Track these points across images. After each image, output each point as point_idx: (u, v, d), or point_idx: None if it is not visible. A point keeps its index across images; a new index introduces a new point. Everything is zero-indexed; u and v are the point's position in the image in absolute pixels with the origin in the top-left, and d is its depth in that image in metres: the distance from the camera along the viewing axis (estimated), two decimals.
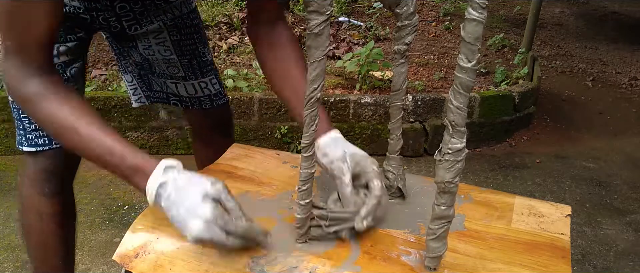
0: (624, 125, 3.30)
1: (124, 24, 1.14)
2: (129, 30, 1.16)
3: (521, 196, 1.01)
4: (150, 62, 1.26)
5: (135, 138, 2.67)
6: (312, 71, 0.70)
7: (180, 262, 0.80)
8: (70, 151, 0.87)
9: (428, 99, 2.72)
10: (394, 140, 0.93)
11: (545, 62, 4.14)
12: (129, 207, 2.20)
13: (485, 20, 0.61)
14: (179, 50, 1.24)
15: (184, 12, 1.22)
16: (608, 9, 5.86)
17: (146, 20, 1.16)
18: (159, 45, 1.22)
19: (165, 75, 1.27)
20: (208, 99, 1.32)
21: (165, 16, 1.18)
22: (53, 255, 1.23)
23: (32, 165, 1.15)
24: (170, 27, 1.20)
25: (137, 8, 1.12)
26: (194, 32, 1.25)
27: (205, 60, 1.29)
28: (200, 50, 1.28)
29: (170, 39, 1.22)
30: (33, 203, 1.17)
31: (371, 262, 0.79)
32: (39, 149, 1.11)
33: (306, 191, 0.77)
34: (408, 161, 2.69)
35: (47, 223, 1.18)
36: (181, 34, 1.23)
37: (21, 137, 1.13)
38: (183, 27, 1.23)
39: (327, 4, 0.66)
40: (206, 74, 1.30)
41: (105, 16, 1.10)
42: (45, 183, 1.14)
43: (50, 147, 1.11)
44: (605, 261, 1.97)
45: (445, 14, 4.35)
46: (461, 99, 0.66)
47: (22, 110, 1.09)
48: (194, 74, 1.28)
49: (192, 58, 1.26)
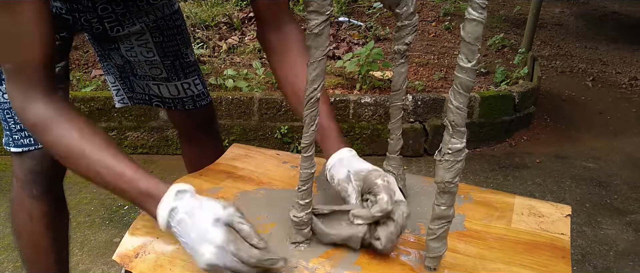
0: (624, 125, 3.30)
1: (106, 26, 1.13)
2: (111, 32, 1.15)
3: (521, 196, 1.01)
4: (132, 64, 1.25)
5: (135, 138, 2.67)
6: (312, 71, 0.70)
7: (180, 262, 0.80)
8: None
9: (428, 99, 2.72)
10: (394, 140, 0.93)
11: (545, 62, 4.14)
12: (129, 207, 2.20)
13: (485, 20, 0.61)
14: (162, 51, 1.23)
15: (166, 14, 1.21)
16: (608, 9, 5.86)
17: (128, 21, 1.15)
18: (141, 47, 1.21)
19: (147, 76, 1.27)
20: (191, 100, 1.32)
21: (148, 18, 1.18)
22: (45, 256, 1.22)
23: (19, 166, 1.14)
24: (152, 28, 1.20)
25: (119, 10, 1.11)
26: (176, 33, 1.25)
27: (188, 61, 1.29)
28: (183, 51, 1.27)
29: (153, 40, 1.21)
30: (22, 204, 1.17)
31: (371, 262, 0.79)
32: (25, 149, 1.11)
33: (306, 191, 0.77)
34: (408, 161, 2.69)
35: (37, 224, 1.18)
36: (164, 35, 1.22)
37: (8, 137, 1.12)
38: (165, 29, 1.22)
39: (327, 4, 0.66)
40: (189, 75, 1.29)
41: (87, 17, 1.09)
42: (33, 185, 1.14)
43: (36, 148, 1.10)
44: (605, 261, 1.97)
45: (445, 14, 4.35)
46: (461, 99, 0.66)
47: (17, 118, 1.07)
48: (176, 75, 1.27)
49: (175, 59, 1.26)
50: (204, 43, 3.36)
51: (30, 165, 1.12)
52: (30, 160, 1.12)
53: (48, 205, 1.17)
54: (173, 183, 0.79)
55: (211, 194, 0.95)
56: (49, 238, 1.20)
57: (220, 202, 0.76)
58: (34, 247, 1.21)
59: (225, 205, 0.75)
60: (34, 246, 1.21)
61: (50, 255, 1.23)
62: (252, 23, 3.80)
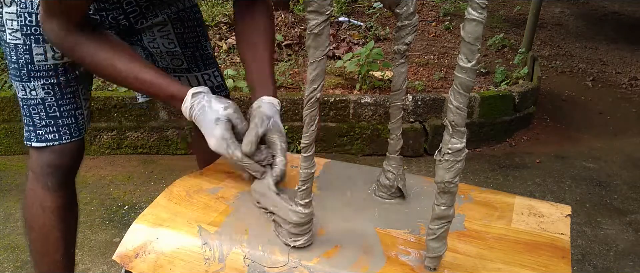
0: (624, 125, 3.30)
1: (132, 20, 1.19)
2: (136, 25, 1.21)
3: (521, 196, 1.01)
4: (153, 57, 1.30)
5: (135, 138, 2.67)
6: (312, 71, 0.70)
7: (180, 262, 0.80)
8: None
9: (428, 99, 2.72)
10: (394, 140, 0.93)
11: (545, 62, 4.14)
12: (129, 207, 2.20)
13: (485, 20, 0.61)
14: (183, 42, 1.28)
15: (187, 6, 1.27)
16: (608, 9, 5.86)
17: (152, 13, 1.21)
18: (163, 38, 1.26)
19: (169, 69, 1.31)
20: None
21: (170, 9, 1.23)
22: (54, 250, 1.25)
23: (38, 159, 1.19)
24: (174, 20, 1.25)
25: (143, 3, 1.17)
26: (196, 25, 1.30)
27: (208, 53, 1.34)
28: (203, 43, 1.32)
29: (174, 31, 1.26)
30: (36, 196, 1.20)
31: (371, 262, 0.78)
32: (49, 144, 1.17)
33: (306, 191, 0.77)
34: (408, 161, 2.69)
35: (49, 217, 1.21)
36: (185, 26, 1.27)
37: (30, 133, 1.18)
38: (186, 20, 1.27)
39: (327, 4, 0.66)
40: (209, 67, 1.34)
41: (114, 15, 1.15)
42: (48, 177, 1.19)
43: (60, 142, 1.18)
44: (605, 261, 1.97)
45: (445, 14, 4.35)
46: (461, 99, 0.66)
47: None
48: (197, 66, 1.31)
49: (195, 50, 1.30)
50: None
51: (50, 159, 1.18)
52: (51, 154, 1.18)
53: (62, 199, 1.22)
54: (191, 88, 0.97)
55: (211, 194, 0.95)
56: (60, 232, 1.24)
57: (223, 102, 0.95)
58: (45, 239, 1.24)
59: (226, 106, 0.94)
60: (45, 238, 1.24)
61: (59, 249, 1.25)
62: None
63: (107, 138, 2.66)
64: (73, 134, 1.19)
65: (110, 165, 2.58)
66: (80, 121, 1.21)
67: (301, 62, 3.19)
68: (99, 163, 2.59)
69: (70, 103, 1.18)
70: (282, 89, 2.83)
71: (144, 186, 2.38)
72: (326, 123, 2.67)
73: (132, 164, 2.59)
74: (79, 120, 1.21)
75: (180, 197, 0.93)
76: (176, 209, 0.90)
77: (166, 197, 0.93)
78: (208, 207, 0.91)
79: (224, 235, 0.83)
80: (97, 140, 2.66)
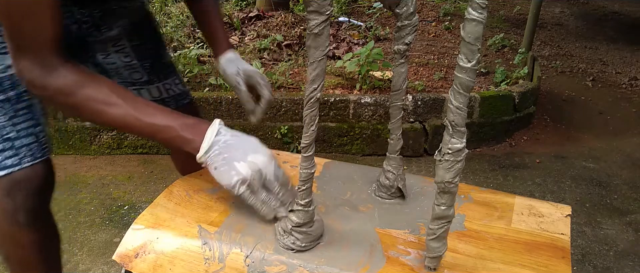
0: (624, 125, 3.30)
1: (85, 30, 1.10)
2: (88, 37, 1.12)
3: (521, 196, 1.01)
4: (108, 73, 1.22)
5: (135, 138, 2.67)
6: (312, 71, 0.70)
7: (180, 262, 0.80)
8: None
9: (428, 99, 2.72)
10: (394, 140, 0.93)
11: (545, 62, 4.14)
12: (129, 207, 2.20)
13: (485, 20, 0.61)
14: (140, 55, 1.23)
15: (142, 15, 1.23)
16: (608, 9, 5.86)
17: (105, 26, 1.13)
18: (119, 53, 1.20)
19: (127, 83, 1.25)
20: (172, 100, 1.32)
21: (123, 21, 1.16)
22: None
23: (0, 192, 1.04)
24: (129, 32, 1.19)
25: (97, 13, 1.09)
26: (152, 35, 1.27)
27: (166, 62, 1.30)
28: (161, 52, 1.29)
29: (130, 45, 1.20)
30: (10, 234, 1.07)
31: (371, 263, 0.78)
32: (8, 171, 1.02)
33: (306, 191, 0.77)
34: (408, 161, 2.69)
35: (29, 253, 1.10)
36: (140, 38, 1.22)
37: None
38: (141, 31, 1.23)
39: (327, 4, 0.66)
40: (169, 75, 1.30)
41: (66, 23, 1.03)
42: (17, 213, 1.04)
43: (21, 167, 1.03)
44: (605, 261, 1.97)
45: (445, 14, 4.35)
46: (461, 99, 0.66)
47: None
48: (157, 76, 1.27)
49: (154, 61, 1.26)
50: (204, 43, 3.36)
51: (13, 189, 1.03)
52: (12, 183, 1.02)
53: (38, 232, 1.09)
54: None
55: (211, 194, 0.95)
56: (43, 264, 1.13)
57: None
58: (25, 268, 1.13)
59: None
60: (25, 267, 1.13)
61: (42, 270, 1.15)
62: (252, 23, 3.80)
63: (107, 138, 2.66)
64: (36, 155, 1.04)
65: (110, 165, 2.58)
66: (41, 139, 1.06)
67: (301, 62, 3.19)
68: (99, 163, 2.59)
69: (27, 120, 1.03)
70: (282, 89, 2.83)
71: (144, 186, 2.38)
72: (326, 123, 2.68)
73: (132, 164, 2.59)
74: (40, 138, 1.05)
75: (180, 197, 0.93)
76: (176, 209, 0.90)
77: (166, 197, 0.93)
78: (208, 207, 0.91)
79: (224, 235, 0.83)
80: (97, 140, 2.66)
